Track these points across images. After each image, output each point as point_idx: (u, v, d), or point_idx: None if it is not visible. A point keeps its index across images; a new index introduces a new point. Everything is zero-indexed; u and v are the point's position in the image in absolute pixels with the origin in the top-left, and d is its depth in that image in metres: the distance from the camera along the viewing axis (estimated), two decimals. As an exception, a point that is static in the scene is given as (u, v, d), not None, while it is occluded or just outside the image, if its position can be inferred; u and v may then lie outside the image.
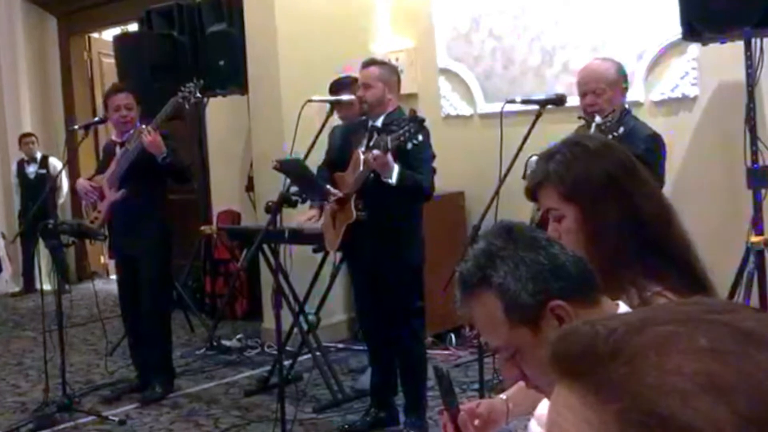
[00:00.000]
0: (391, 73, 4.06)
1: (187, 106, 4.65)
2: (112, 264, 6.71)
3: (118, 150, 4.70)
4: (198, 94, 4.64)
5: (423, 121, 3.70)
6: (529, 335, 1.39)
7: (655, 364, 0.59)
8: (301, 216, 4.46)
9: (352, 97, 4.13)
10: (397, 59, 5.77)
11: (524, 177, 3.48)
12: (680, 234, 1.73)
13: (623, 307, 1.45)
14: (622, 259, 1.64)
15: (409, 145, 3.63)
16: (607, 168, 1.73)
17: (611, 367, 0.60)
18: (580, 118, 3.73)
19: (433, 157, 3.96)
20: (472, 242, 3.40)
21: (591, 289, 1.42)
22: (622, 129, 3.39)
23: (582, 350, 0.63)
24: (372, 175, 3.77)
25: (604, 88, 3.65)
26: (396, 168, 3.67)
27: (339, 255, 4.79)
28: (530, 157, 3.58)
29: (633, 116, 3.80)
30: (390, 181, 3.67)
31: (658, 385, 0.58)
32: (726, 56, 4.23)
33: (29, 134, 8.21)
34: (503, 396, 1.87)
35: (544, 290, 1.38)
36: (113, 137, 4.88)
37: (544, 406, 1.66)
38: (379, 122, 3.97)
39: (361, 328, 5.02)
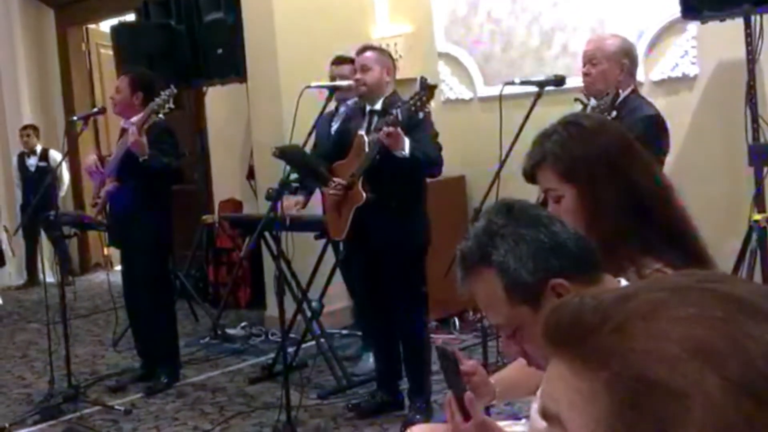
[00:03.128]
0: (387, 57, 4.07)
1: (161, 115, 4.48)
2: (113, 255, 6.71)
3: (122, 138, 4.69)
4: (171, 105, 4.47)
5: (434, 87, 3.69)
6: (529, 313, 1.39)
7: (643, 331, 0.59)
8: (287, 202, 4.44)
9: (351, 82, 4.12)
10: (395, 44, 5.75)
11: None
12: (679, 212, 1.73)
13: (624, 284, 1.45)
14: (621, 238, 1.64)
15: (421, 114, 3.64)
16: (603, 147, 1.72)
17: (599, 336, 0.61)
18: (576, 100, 3.71)
19: (437, 134, 3.95)
20: (474, 224, 3.42)
21: (592, 267, 1.41)
22: (615, 113, 3.35)
23: (570, 320, 0.63)
24: (378, 155, 3.76)
25: (600, 59, 3.61)
26: (407, 140, 3.67)
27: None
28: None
29: (639, 95, 3.76)
30: (404, 153, 3.67)
31: (646, 350, 0.58)
32: (726, 34, 4.21)
33: (26, 126, 8.21)
34: (492, 379, 1.87)
35: (545, 268, 1.38)
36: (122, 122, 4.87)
37: None
38: (377, 106, 3.96)
39: (361, 313, 5.03)
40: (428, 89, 3.64)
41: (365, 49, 4.08)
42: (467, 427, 1.64)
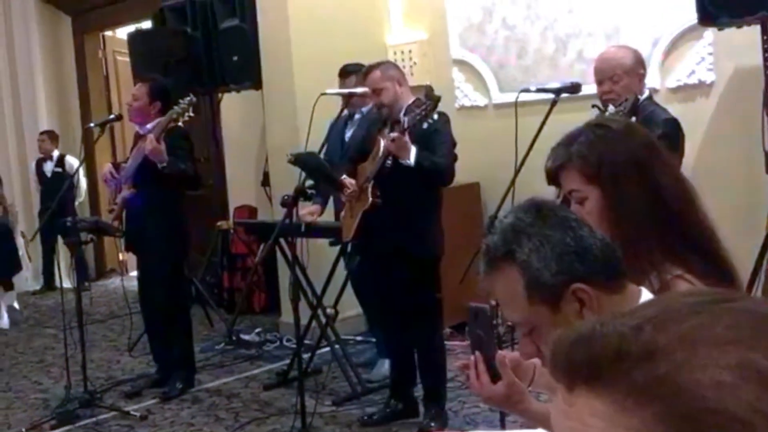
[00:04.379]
0: (392, 68, 4.04)
1: (180, 123, 4.52)
2: (129, 261, 6.74)
3: (139, 144, 4.71)
4: (191, 113, 4.51)
5: (438, 98, 3.69)
6: (548, 314, 1.39)
7: (689, 359, 0.57)
8: (303, 210, 4.46)
9: (366, 89, 4.12)
10: (410, 51, 5.77)
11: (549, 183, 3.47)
12: (703, 217, 1.72)
13: (646, 294, 1.44)
14: (644, 241, 1.63)
15: (425, 125, 3.63)
16: (630, 149, 1.72)
17: (644, 369, 0.58)
18: (594, 107, 3.71)
19: (454, 144, 3.94)
20: (489, 232, 3.41)
21: (616, 274, 1.40)
22: (634, 118, 3.36)
23: (607, 354, 0.60)
24: (389, 162, 3.77)
25: (621, 75, 3.63)
26: (413, 149, 3.66)
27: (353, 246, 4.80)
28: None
29: (653, 101, 3.77)
30: (408, 161, 3.67)
31: (697, 380, 0.56)
32: (742, 40, 4.19)
33: (43, 132, 8.27)
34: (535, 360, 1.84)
35: (568, 271, 1.37)
36: (137, 128, 4.90)
37: None
38: (401, 116, 3.96)
39: (373, 320, 5.03)
40: (433, 101, 3.64)
41: (369, 70, 4.02)
42: (497, 388, 1.62)
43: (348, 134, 4.83)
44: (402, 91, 3.96)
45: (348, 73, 4.83)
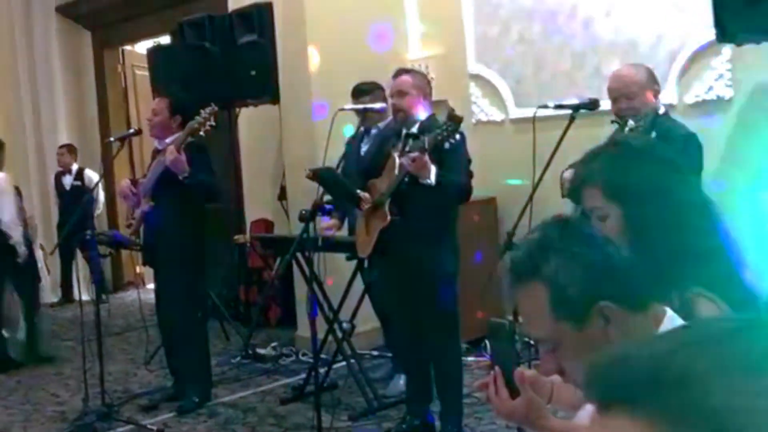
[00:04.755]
0: (423, 80, 4.08)
1: (202, 133, 4.56)
2: (147, 274, 6.78)
3: (157, 158, 4.75)
4: (213, 122, 4.55)
5: (461, 119, 3.70)
6: (572, 331, 1.38)
7: (723, 387, 0.58)
8: (322, 224, 4.48)
9: (384, 105, 4.14)
10: (427, 66, 5.78)
11: (563, 195, 3.46)
12: (724, 234, 1.71)
13: (670, 313, 1.43)
14: (665, 258, 1.62)
15: (447, 145, 3.63)
16: (652, 167, 1.72)
17: (679, 394, 0.59)
18: (613, 122, 3.71)
19: (469, 161, 3.95)
20: (506, 249, 3.41)
21: (641, 293, 1.40)
22: (654, 134, 3.36)
23: (642, 377, 0.60)
24: (407, 179, 3.77)
25: (636, 92, 3.64)
26: (434, 169, 3.67)
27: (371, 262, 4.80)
28: (563, 172, 3.57)
29: (669, 117, 3.77)
30: (429, 181, 3.67)
31: (729, 406, 0.57)
32: (761, 57, 4.18)
33: (63, 146, 8.34)
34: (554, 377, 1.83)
35: (594, 289, 1.36)
36: (155, 143, 4.93)
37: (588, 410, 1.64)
38: (414, 129, 3.97)
39: (389, 335, 5.03)
40: (455, 120, 3.65)
41: (401, 72, 4.08)
42: (515, 404, 1.61)
43: (363, 149, 4.85)
44: (423, 104, 3.97)
45: (362, 92, 4.83)
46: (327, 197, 4.21)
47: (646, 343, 0.63)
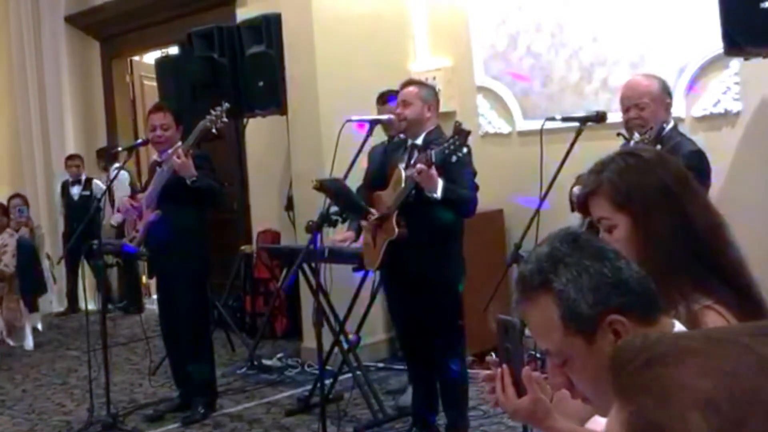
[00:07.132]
0: (430, 92, 4.08)
1: (214, 130, 4.59)
2: (152, 284, 6.77)
3: (158, 169, 4.76)
4: (225, 118, 4.58)
5: (468, 133, 3.70)
6: (582, 345, 1.37)
7: (667, 375, 0.62)
8: (337, 236, 4.48)
9: (392, 116, 4.15)
10: (434, 78, 5.79)
11: (572, 210, 3.46)
12: (732, 248, 1.71)
13: (678, 327, 1.43)
14: (673, 271, 1.62)
15: (454, 158, 3.63)
16: (661, 178, 1.72)
17: (642, 374, 0.64)
18: (618, 134, 3.70)
19: (475, 173, 3.95)
20: (513, 262, 3.40)
21: (652, 307, 1.39)
22: (659, 147, 3.35)
23: (627, 358, 0.66)
24: (414, 191, 3.77)
25: (647, 103, 3.63)
26: (440, 182, 3.67)
27: (378, 274, 4.79)
28: (572, 187, 3.56)
29: (678, 131, 3.76)
30: (435, 195, 3.67)
31: (663, 395, 0.61)
32: (769, 70, 4.17)
33: (71, 156, 8.35)
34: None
35: (605, 303, 1.36)
36: (155, 156, 4.94)
37: (596, 423, 1.63)
38: (419, 141, 3.98)
39: (402, 347, 5.01)
40: (462, 134, 3.65)
41: (408, 83, 4.10)
42: (522, 402, 1.61)
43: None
44: (428, 116, 3.98)
45: (386, 98, 4.83)
46: (334, 208, 4.21)
47: (652, 334, 0.73)
